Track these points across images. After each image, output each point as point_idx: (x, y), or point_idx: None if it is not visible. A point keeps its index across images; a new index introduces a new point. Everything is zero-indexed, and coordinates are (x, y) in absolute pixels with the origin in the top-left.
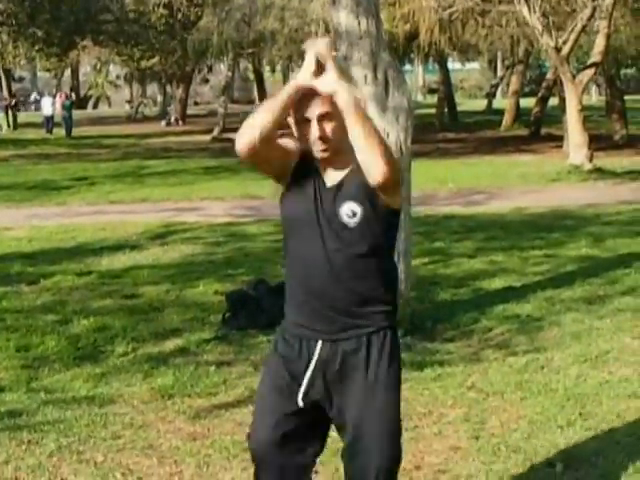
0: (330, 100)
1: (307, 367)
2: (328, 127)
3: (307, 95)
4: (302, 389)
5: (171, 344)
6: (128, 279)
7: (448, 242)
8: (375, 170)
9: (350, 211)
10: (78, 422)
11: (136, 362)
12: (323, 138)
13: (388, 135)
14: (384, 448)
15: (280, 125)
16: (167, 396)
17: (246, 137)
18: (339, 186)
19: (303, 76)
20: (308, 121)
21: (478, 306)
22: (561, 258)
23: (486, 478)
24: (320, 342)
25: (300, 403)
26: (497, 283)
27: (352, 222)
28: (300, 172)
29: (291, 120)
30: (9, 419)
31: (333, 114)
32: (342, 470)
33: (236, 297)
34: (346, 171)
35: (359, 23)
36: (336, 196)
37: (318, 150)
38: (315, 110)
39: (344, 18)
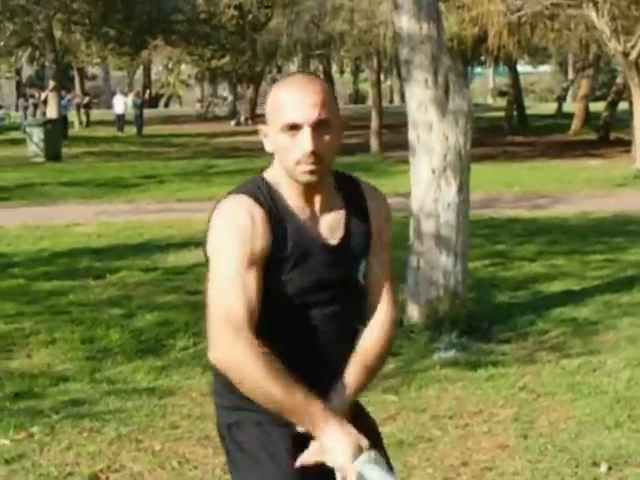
0: (329, 103)
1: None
2: (324, 139)
3: (296, 95)
4: None
5: None
6: (192, 276)
7: (510, 245)
8: None
9: (364, 268)
10: (138, 412)
11: (196, 356)
12: (316, 154)
13: (447, 138)
14: None
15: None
16: None
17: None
18: (348, 241)
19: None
20: (296, 129)
21: (535, 309)
22: (622, 263)
23: (531, 476)
24: None
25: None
26: (556, 286)
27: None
28: (279, 231)
29: (265, 128)
30: (72, 407)
31: (331, 122)
32: None
33: None
34: (337, 205)
35: (420, 27)
36: (350, 256)
37: (304, 171)
38: (309, 114)
39: (406, 22)
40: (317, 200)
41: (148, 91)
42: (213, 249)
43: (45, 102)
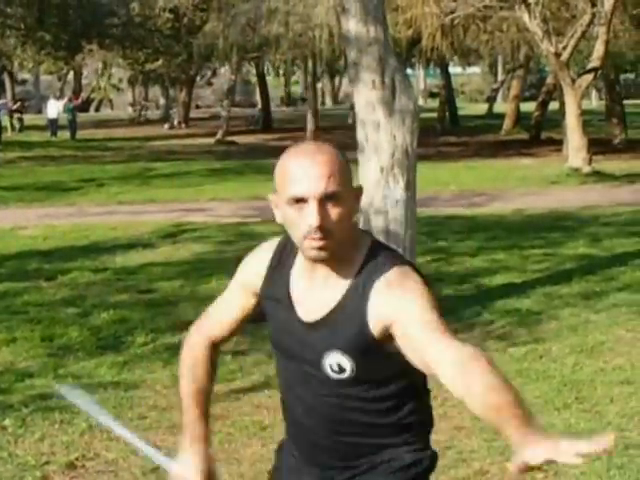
0: (340, 173)
1: None
2: (333, 213)
3: (302, 166)
4: None
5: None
6: (143, 275)
7: (451, 241)
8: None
9: (336, 365)
10: (106, 404)
11: (156, 351)
12: (323, 229)
13: (395, 137)
14: None
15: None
16: None
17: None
18: (325, 321)
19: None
20: (302, 202)
21: (480, 301)
22: (560, 257)
23: (488, 453)
24: None
25: None
26: (498, 280)
27: (337, 377)
28: (276, 282)
29: (275, 198)
30: (41, 401)
31: (341, 194)
32: None
33: None
34: (342, 289)
35: (367, 30)
36: (320, 338)
37: (312, 247)
38: (315, 188)
39: (353, 26)
40: (320, 272)
41: (82, 95)
42: None
43: None
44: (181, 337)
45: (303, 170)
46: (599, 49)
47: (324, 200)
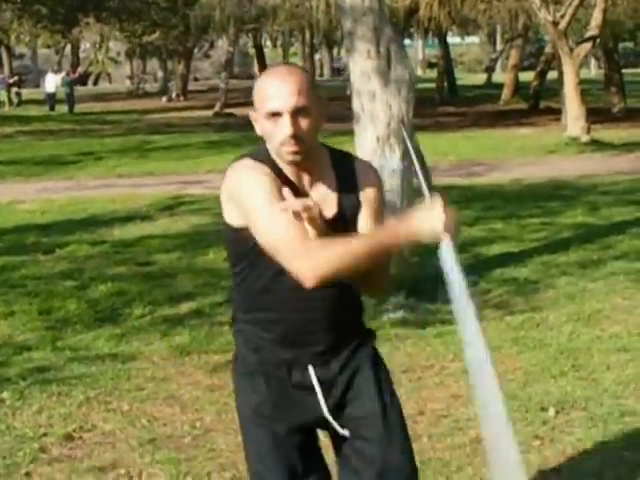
0: (308, 90)
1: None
2: (303, 123)
3: (276, 85)
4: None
5: (185, 307)
6: (140, 248)
7: None
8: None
9: None
10: (103, 376)
11: (154, 323)
12: (296, 137)
13: (390, 107)
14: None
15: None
16: (185, 353)
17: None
18: (340, 215)
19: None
20: (277, 115)
21: (477, 270)
22: (558, 226)
23: None
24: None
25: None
26: (496, 249)
27: None
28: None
29: (254, 114)
30: (38, 374)
31: (309, 108)
32: None
33: None
34: (332, 181)
35: (362, 0)
36: (344, 229)
37: (288, 152)
38: (288, 103)
39: None
40: (305, 177)
41: (80, 69)
42: (244, 194)
43: None
44: (178, 309)
45: (277, 89)
46: (597, 17)
47: (295, 113)
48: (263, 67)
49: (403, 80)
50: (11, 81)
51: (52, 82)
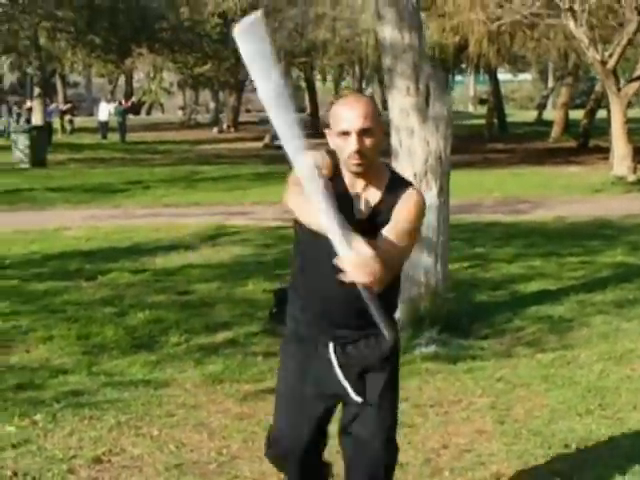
0: (372, 115)
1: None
2: (367, 142)
3: (347, 107)
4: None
5: (221, 336)
6: (181, 277)
7: (489, 247)
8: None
9: None
10: (135, 402)
11: (188, 351)
12: (360, 152)
13: (428, 143)
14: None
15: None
16: (217, 381)
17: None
18: (372, 218)
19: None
20: (346, 134)
21: (513, 307)
22: (597, 265)
23: (507, 457)
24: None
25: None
26: (533, 286)
27: None
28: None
29: (329, 132)
30: (72, 397)
31: (373, 130)
32: None
33: (283, 294)
34: (379, 193)
35: (402, 37)
36: (375, 229)
37: (353, 164)
38: (356, 124)
39: (389, 32)
40: (359, 184)
41: (132, 99)
42: None
43: (29, 109)
44: (214, 338)
45: (347, 113)
46: None
47: (361, 133)
48: (314, 101)
49: (441, 117)
50: (64, 108)
51: (105, 111)
